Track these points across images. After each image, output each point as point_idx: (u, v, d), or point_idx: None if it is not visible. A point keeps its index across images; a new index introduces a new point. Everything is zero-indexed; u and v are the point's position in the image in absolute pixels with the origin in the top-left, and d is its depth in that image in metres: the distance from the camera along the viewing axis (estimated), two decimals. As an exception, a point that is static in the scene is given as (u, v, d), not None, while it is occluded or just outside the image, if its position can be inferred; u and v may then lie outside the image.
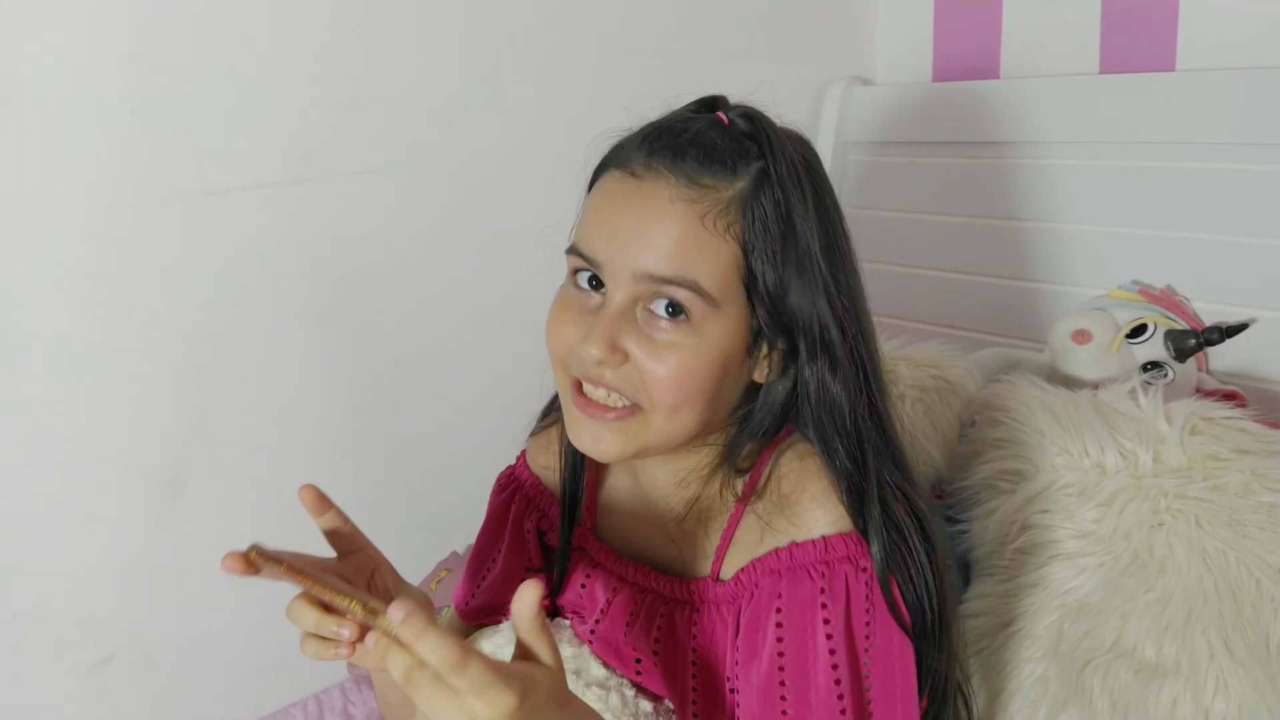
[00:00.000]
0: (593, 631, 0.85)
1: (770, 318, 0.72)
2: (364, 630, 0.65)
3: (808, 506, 0.74)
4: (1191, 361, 1.20)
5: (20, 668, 1.12)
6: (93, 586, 1.15)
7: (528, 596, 0.60)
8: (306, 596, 0.66)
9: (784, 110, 0.78)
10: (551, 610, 0.90)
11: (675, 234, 0.70)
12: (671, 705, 0.81)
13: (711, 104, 0.77)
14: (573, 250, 0.74)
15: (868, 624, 0.72)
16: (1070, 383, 1.15)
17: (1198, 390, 1.16)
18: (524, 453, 0.96)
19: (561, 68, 1.37)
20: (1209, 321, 1.23)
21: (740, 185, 0.71)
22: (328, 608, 0.66)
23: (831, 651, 0.70)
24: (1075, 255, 1.37)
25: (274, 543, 0.65)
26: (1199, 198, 1.26)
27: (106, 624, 1.16)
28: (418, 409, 1.34)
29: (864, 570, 0.72)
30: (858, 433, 0.75)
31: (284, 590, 0.66)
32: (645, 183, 0.71)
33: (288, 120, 1.18)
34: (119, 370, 1.12)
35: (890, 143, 1.58)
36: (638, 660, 0.81)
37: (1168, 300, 1.24)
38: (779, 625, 0.72)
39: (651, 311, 0.71)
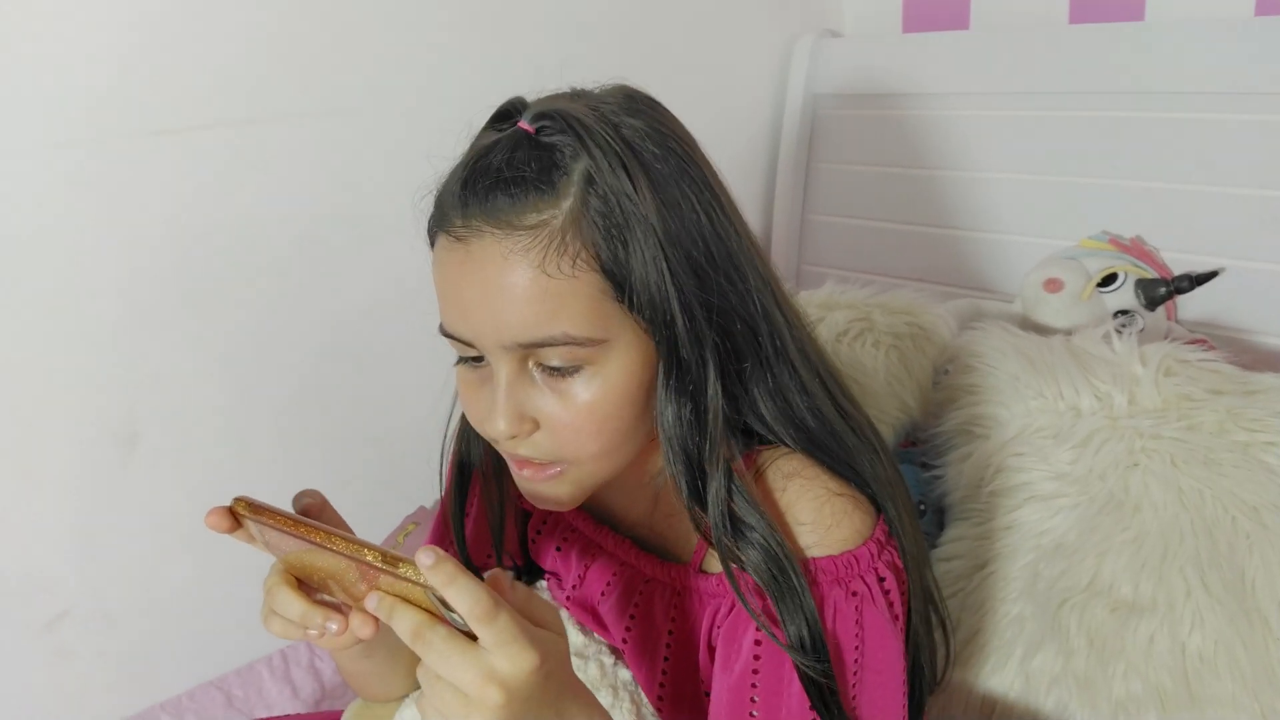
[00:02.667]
0: (568, 597, 0.83)
1: (652, 323, 0.66)
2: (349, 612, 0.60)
3: (795, 530, 0.70)
4: (1161, 310, 1.20)
5: (-30, 626, 1.09)
6: (44, 542, 1.11)
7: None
8: (289, 579, 0.60)
9: (751, 65, 0.73)
10: (529, 567, 0.88)
11: (520, 295, 0.63)
12: None
13: (510, 111, 0.70)
14: (442, 331, 0.69)
15: (857, 648, 0.69)
16: (1042, 331, 1.15)
17: (1167, 339, 1.16)
18: None
19: (521, 16, 1.34)
20: (1178, 271, 1.23)
21: (569, 203, 0.63)
22: (309, 591, 0.60)
23: None
24: (1046, 206, 1.37)
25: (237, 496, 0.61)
26: (1168, 148, 1.26)
27: (60, 580, 1.13)
28: (385, 361, 1.31)
29: (854, 595, 0.69)
30: (816, 419, 0.71)
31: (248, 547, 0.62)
32: (471, 246, 0.64)
33: (243, 57, 1.14)
34: (70, 317, 1.08)
35: (860, 95, 1.56)
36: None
37: (1138, 250, 1.25)
38: (757, 644, 0.69)
39: (544, 366, 0.66)
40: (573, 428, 0.66)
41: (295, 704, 1.20)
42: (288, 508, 0.62)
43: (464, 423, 0.82)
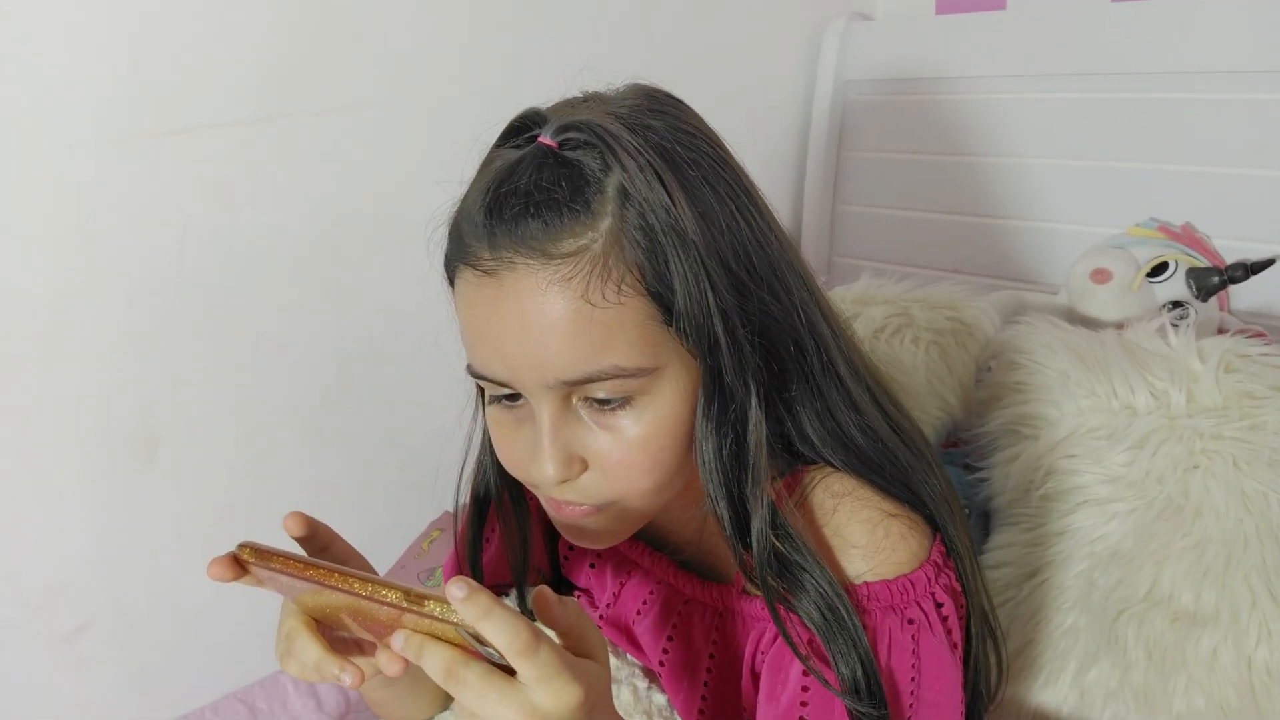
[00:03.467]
0: (601, 616, 0.79)
1: (698, 346, 0.61)
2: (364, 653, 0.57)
3: (847, 554, 0.66)
4: (1213, 301, 1.15)
5: (-8, 636, 1.07)
6: (65, 551, 1.10)
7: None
8: (307, 620, 0.57)
9: (779, 51, 0.69)
10: (556, 585, 0.84)
11: (566, 330, 0.59)
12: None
13: (526, 125, 0.65)
14: (471, 372, 0.65)
15: (913, 679, 0.65)
16: (1090, 324, 1.11)
17: (1220, 330, 1.12)
18: None
19: (547, 7, 1.31)
20: (1231, 259, 1.18)
21: (607, 223, 0.59)
22: (325, 629, 0.57)
23: None
24: (1090, 193, 1.34)
25: (258, 504, 0.57)
26: (1217, 130, 1.23)
27: (82, 590, 1.11)
28: (406, 363, 1.28)
29: (911, 623, 0.65)
30: (868, 438, 0.67)
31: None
32: (504, 280, 0.59)
33: (258, 53, 1.11)
34: (87, 323, 1.06)
35: (892, 79, 1.53)
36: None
37: (1188, 237, 1.20)
38: (805, 674, 0.65)
39: (591, 400, 0.62)
40: (625, 464, 0.62)
41: (320, 717, 1.19)
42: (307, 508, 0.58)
43: (481, 454, 0.77)
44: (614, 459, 0.62)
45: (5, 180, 0.99)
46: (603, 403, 0.61)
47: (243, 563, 0.55)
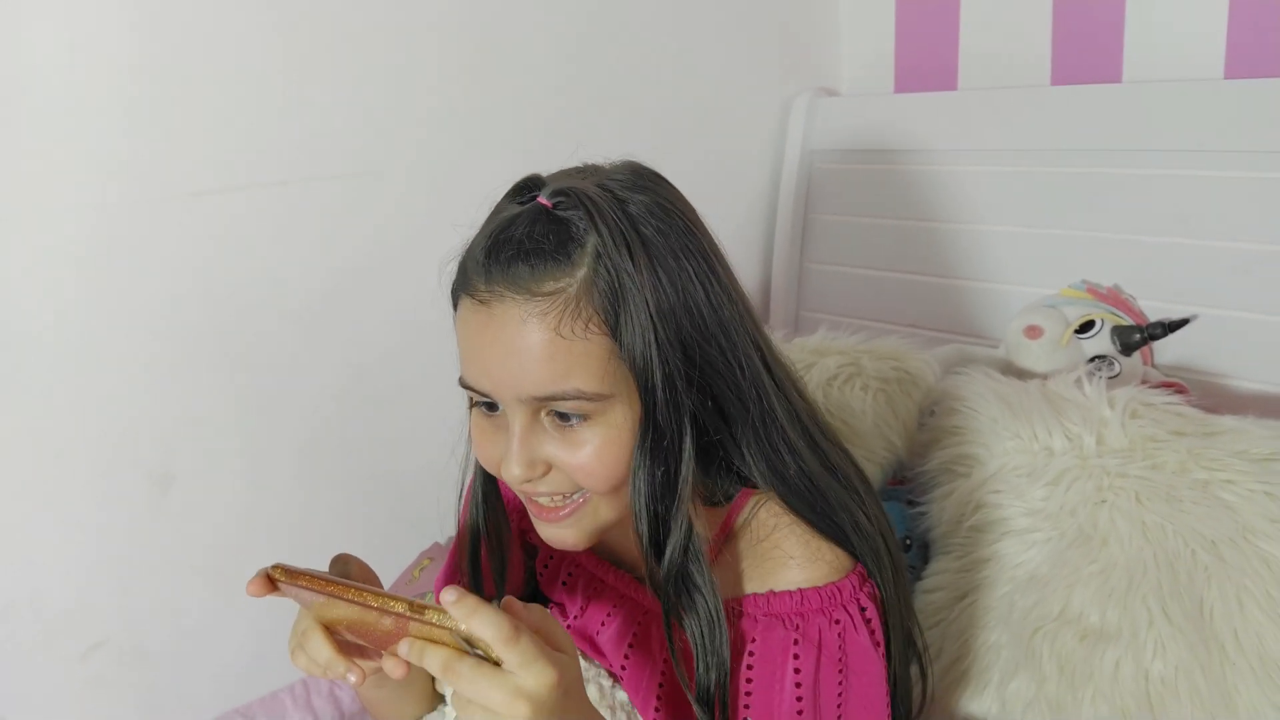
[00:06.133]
0: (570, 625, 0.89)
1: (640, 387, 0.72)
2: (366, 654, 0.67)
3: (785, 564, 0.77)
4: (1137, 355, 1.26)
5: (11, 655, 1.14)
6: (83, 576, 1.17)
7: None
8: (323, 629, 0.68)
9: (751, 121, 0.79)
10: (533, 599, 0.94)
11: (537, 354, 0.70)
12: None
13: (529, 186, 0.76)
14: (462, 383, 0.76)
15: (840, 672, 0.75)
16: (1023, 375, 1.21)
17: (1143, 382, 1.22)
18: None
19: (534, 79, 1.42)
20: (1153, 318, 1.29)
21: (582, 272, 0.70)
22: (333, 633, 0.68)
23: (799, 699, 0.74)
24: (1029, 257, 1.43)
25: (266, 533, 0.68)
26: (1145, 202, 1.32)
27: (97, 612, 1.19)
28: (402, 406, 1.38)
29: (837, 623, 0.75)
30: (801, 478, 0.77)
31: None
32: (494, 309, 0.71)
33: (279, 122, 1.22)
34: (111, 365, 1.15)
35: (855, 150, 1.64)
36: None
37: (1114, 298, 1.31)
38: (749, 668, 0.76)
39: (555, 415, 0.73)
40: (583, 470, 0.73)
41: (315, 731, 1.26)
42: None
43: (474, 483, 0.88)
44: (572, 465, 0.73)
45: (40, 234, 1.09)
46: (565, 418, 0.72)
47: (274, 580, 0.66)
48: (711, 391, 0.75)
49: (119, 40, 1.10)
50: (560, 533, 0.77)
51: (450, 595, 0.60)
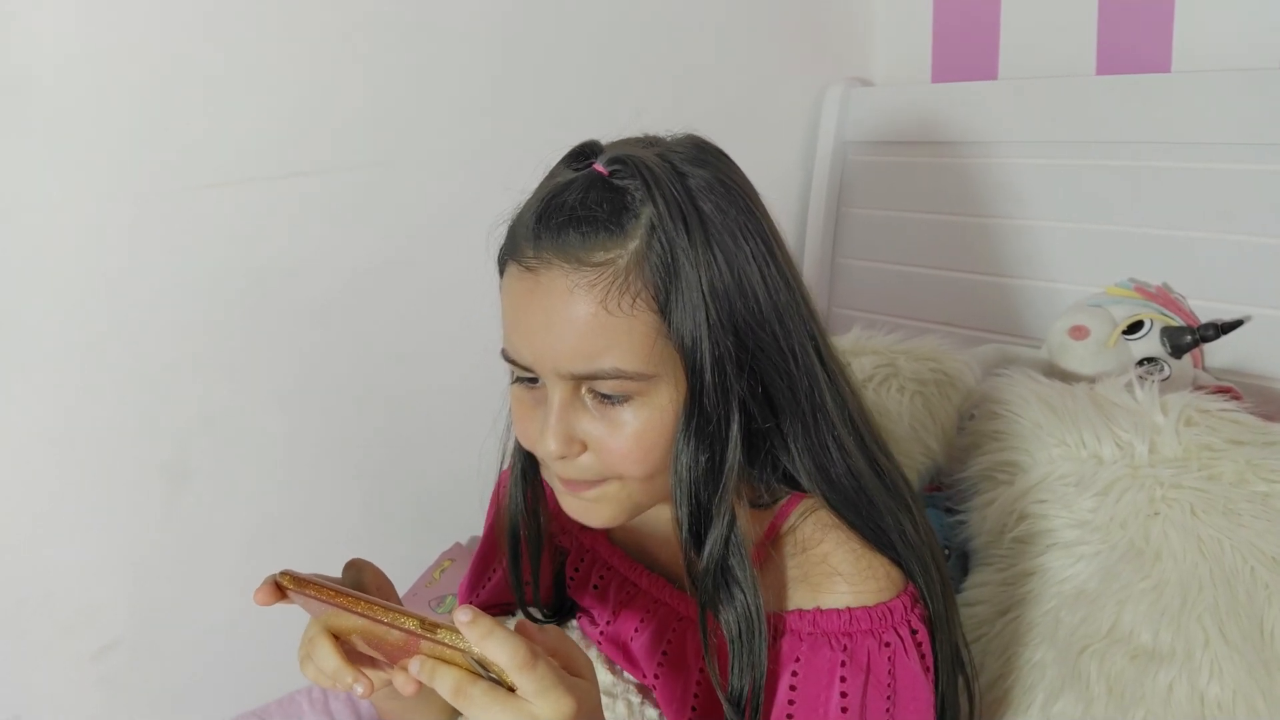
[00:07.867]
0: (601, 632, 0.85)
1: (688, 368, 0.68)
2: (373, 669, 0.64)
3: (833, 579, 0.73)
4: (1187, 358, 1.21)
5: (24, 653, 1.13)
6: (98, 574, 1.16)
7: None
8: (330, 637, 0.65)
9: (783, 112, 0.75)
10: (561, 605, 0.91)
11: (581, 328, 0.67)
12: None
13: (585, 153, 0.73)
14: (504, 355, 0.73)
15: (889, 699, 0.71)
16: (1067, 378, 1.16)
17: (1194, 386, 1.17)
18: None
19: (559, 69, 1.39)
20: (1204, 318, 1.24)
21: (634, 244, 0.67)
22: (343, 643, 0.64)
23: None
24: (1072, 253, 1.39)
25: (283, 533, 0.64)
26: (1194, 196, 1.28)
27: (110, 611, 1.17)
28: (422, 403, 1.35)
29: (887, 645, 0.71)
30: (848, 478, 0.74)
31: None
32: (540, 276, 0.68)
33: (295, 114, 1.20)
34: (128, 362, 1.14)
35: (890, 142, 1.59)
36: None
37: (1164, 297, 1.26)
38: (792, 689, 0.72)
39: (596, 393, 0.70)
40: (620, 453, 0.70)
41: (332, 736, 1.24)
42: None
43: (513, 463, 0.85)
44: (609, 446, 0.70)
45: (56, 228, 1.07)
46: (606, 397, 0.69)
47: (282, 588, 0.63)
48: (762, 379, 0.71)
49: (133, 29, 1.08)
50: (589, 508, 0.74)
51: (464, 615, 0.56)
